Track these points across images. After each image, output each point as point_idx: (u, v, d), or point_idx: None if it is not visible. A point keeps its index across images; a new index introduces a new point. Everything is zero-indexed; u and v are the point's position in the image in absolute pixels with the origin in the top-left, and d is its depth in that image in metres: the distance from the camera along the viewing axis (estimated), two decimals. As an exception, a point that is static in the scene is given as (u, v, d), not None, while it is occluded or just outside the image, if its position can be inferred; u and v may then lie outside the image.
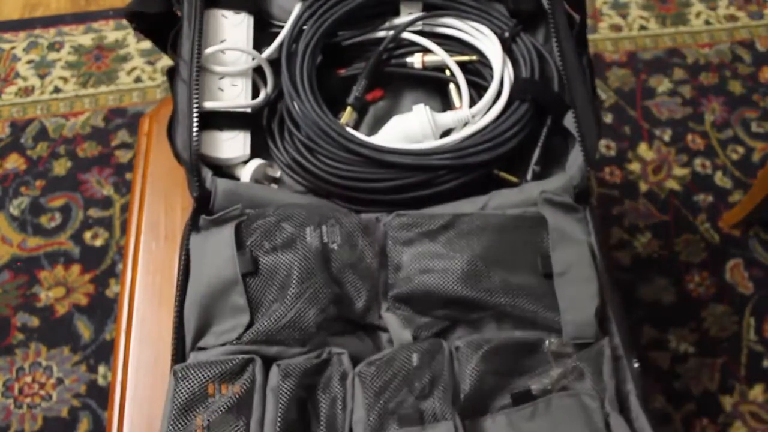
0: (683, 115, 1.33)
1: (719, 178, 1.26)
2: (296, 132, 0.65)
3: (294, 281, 0.55)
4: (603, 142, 1.29)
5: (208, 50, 0.65)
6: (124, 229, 1.13)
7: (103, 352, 1.11)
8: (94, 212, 1.23)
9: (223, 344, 0.55)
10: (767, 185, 1.09)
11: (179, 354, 0.56)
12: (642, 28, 1.44)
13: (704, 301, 1.15)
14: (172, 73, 0.63)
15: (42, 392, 1.09)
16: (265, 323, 0.54)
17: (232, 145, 0.65)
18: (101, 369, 1.10)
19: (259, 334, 0.54)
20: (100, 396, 1.08)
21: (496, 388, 0.54)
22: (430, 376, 0.52)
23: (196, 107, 0.61)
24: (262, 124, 0.68)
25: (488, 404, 0.54)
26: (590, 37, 1.42)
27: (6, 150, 1.30)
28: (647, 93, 1.35)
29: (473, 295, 0.56)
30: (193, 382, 0.52)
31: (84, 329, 1.13)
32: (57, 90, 1.36)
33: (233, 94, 0.66)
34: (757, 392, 1.08)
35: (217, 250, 0.57)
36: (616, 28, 1.44)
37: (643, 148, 1.29)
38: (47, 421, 1.07)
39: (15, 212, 1.23)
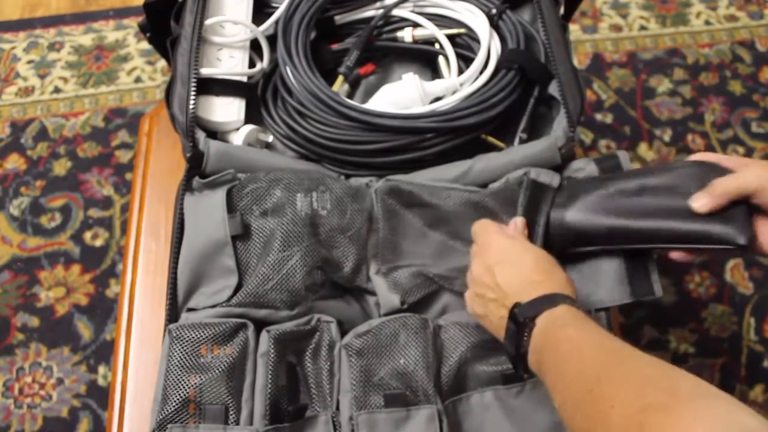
0: (683, 116, 1.33)
1: (719, 178, 1.26)
2: (289, 98, 0.67)
3: (282, 245, 0.56)
4: (603, 143, 1.29)
5: (209, 21, 0.67)
6: (124, 229, 1.14)
7: (103, 352, 1.11)
8: (94, 212, 1.23)
9: (214, 306, 0.56)
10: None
11: (173, 313, 0.57)
12: (642, 28, 1.44)
13: (704, 301, 1.15)
14: (173, 43, 0.65)
15: (42, 392, 1.09)
16: (253, 284, 0.55)
17: (226, 109, 0.66)
18: (101, 369, 1.10)
19: (248, 296, 0.55)
20: (100, 396, 1.08)
21: (475, 364, 0.56)
22: (414, 354, 0.54)
23: (195, 73, 0.62)
24: (257, 96, 0.69)
25: (468, 381, 0.56)
26: (590, 37, 1.42)
27: (6, 150, 1.30)
28: (647, 93, 1.35)
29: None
30: (186, 342, 0.53)
31: (84, 329, 1.13)
32: (57, 90, 1.36)
33: (230, 64, 0.68)
34: (757, 392, 1.08)
35: (208, 212, 0.58)
36: (616, 28, 1.44)
37: (643, 149, 1.29)
38: (47, 421, 1.07)
39: (15, 212, 1.23)
